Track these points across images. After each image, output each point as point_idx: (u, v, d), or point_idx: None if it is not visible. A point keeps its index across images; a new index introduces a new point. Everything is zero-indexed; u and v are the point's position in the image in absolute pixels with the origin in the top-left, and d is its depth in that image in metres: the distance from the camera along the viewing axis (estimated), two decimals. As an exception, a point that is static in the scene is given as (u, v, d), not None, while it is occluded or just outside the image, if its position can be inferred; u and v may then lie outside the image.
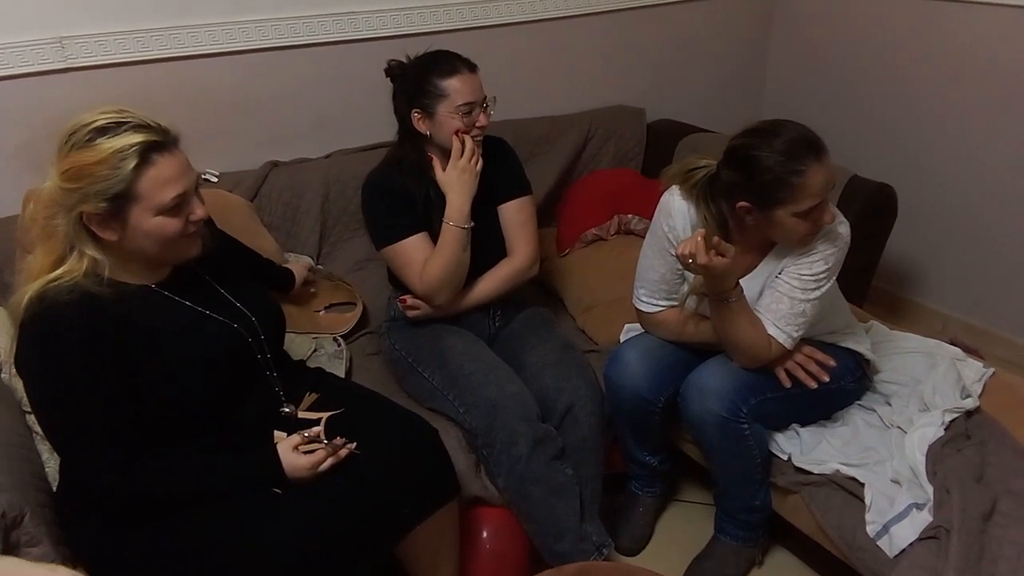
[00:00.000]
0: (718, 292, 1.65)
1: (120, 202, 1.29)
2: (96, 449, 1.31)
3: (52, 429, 1.35)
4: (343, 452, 1.44)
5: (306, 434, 1.43)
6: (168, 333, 1.39)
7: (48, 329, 1.29)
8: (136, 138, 1.28)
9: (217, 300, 1.49)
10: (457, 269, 1.87)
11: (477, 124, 1.86)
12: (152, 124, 1.31)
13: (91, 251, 1.33)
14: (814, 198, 1.56)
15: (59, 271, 1.32)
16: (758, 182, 1.57)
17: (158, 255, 1.38)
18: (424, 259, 1.88)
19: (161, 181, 1.30)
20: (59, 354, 1.29)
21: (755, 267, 1.74)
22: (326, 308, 2.17)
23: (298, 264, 2.13)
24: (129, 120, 1.30)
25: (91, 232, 1.32)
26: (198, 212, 1.37)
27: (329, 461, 1.42)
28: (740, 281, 1.68)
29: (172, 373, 1.36)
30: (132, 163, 1.27)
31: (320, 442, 1.43)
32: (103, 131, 1.28)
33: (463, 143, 1.84)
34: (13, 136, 1.99)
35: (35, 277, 1.32)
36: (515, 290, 2.04)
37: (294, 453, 1.40)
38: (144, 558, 1.37)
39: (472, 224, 1.86)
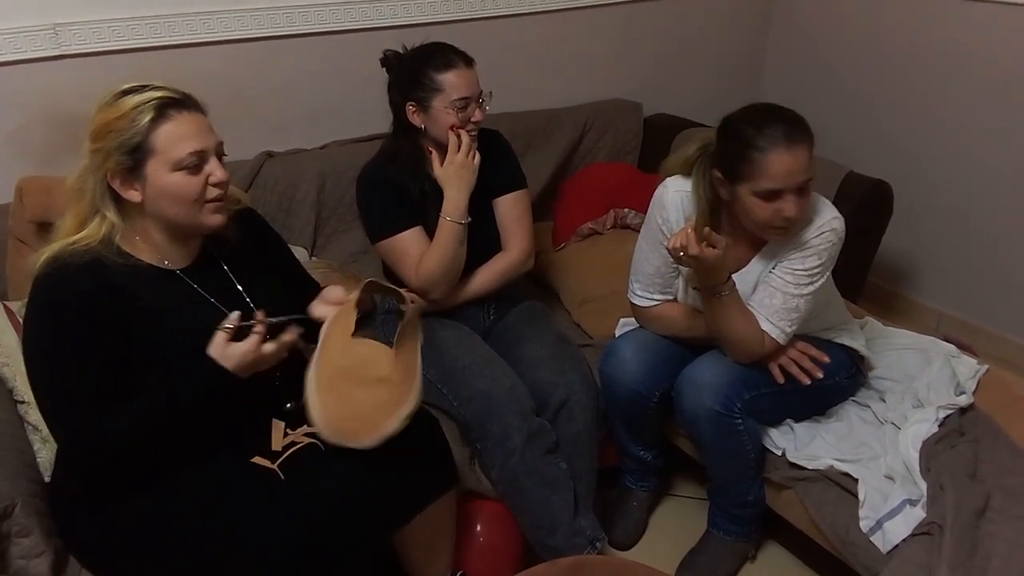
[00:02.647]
0: (710, 285, 1.64)
1: (138, 156, 1.33)
2: (73, 412, 1.31)
3: (37, 386, 1.36)
4: (287, 338, 1.38)
5: (228, 326, 1.35)
6: (173, 316, 1.39)
7: (53, 289, 1.34)
8: (155, 94, 1.34)
9: (230, 293, 1.48)
10: (453, 264, 1.86)
11: (472, 119, 1.84)
12: (174, 88, 1.38)
13: (111, 215, 1.37)
14: (773, 181, 1.53)
15: (79, 235, 1.37)
16: (727, 150, 1.58)
17: (179, 219, 1.40)
18: (419, 253, 1.87)
19: (177, 136, 1.34)
20: (57, 314, 1.33)
21: (748, 262, 1.74)
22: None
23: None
24: (152, 83, 1.37)
25: (116, 195, 1.37)
26: (218, 174, 1.38)
27: (270, 345, 1.35)
28: (733, 276, 1.67)
29: (170, 355, 1.37)
30: (148, 116, 1.32)
31: (249, 328, 1.36)
32: (126, 92, 1.35)
33: (459, 138, 1.83)
34: (5, 123, 1.97)
35: (61, 238, 1.38)
36: (510, 284, 2.03)
37: (226, 345, 1.34)
38: (138, 547, 1.37)
39: (469, 219, 1.85)
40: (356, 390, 1.37)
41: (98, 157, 1.34)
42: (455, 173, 1.83)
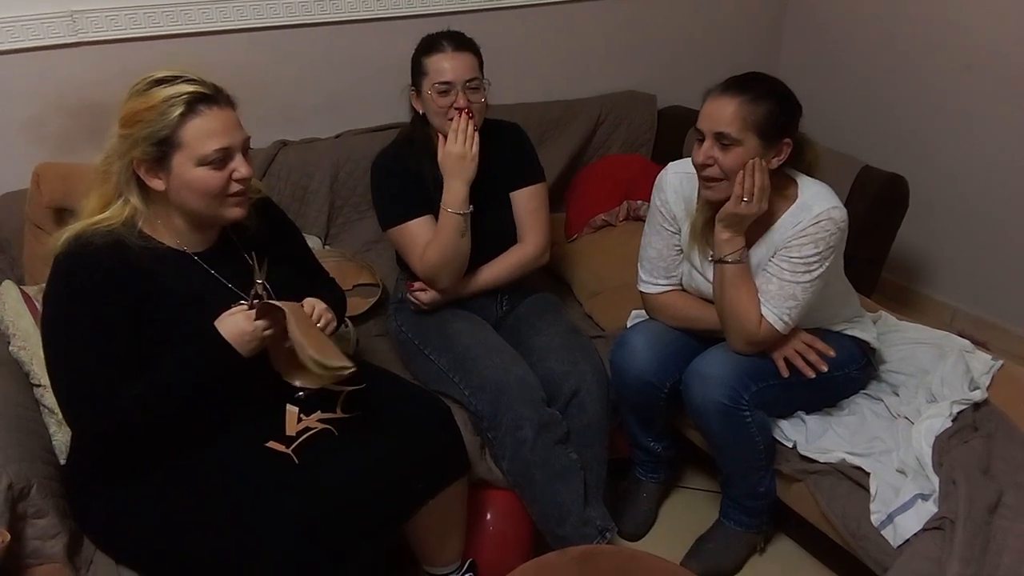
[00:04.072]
0: (726, 250, 1.65)
1: (165, 148, 1.35)
2: (85, 386, 1.33)
3: (51, 360, 1.38)
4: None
5: (242, 303, 1.38)
6: (190, 299, 1.41)
7: (74, 265, 1.36)
8: (186, 88, 1.35)
9: (248, 279, 1.49)
10: (455, 254, 1.85)
11: (455, 105, 1.80)
12: (207, 82, 1.38)
13: (135, 200, 1.39)
14: None
15: (102, 215, 1.39)
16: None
17: (200, 211, 1.41)
18: (426, 242, 1.87)
19: (204, 132, 1.35)
20: (77, 291, 1.35)
21: (749, 249, 1.72)
22: (353, 288, 2.17)
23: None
24: (185, 75, 1.37)
25: (140, 181, 1.38)
26: (242, 170, 1.40)
27: (263, 321, 1.36)
28: None
29: (185, 337, 1.38)
30: (178, 111, 1.33)
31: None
32: (160, 81, 1.36)
33: (458, 123, 1.79)
34: (23, 110, 1.99)
35: (85, 218, 1.40)
36: (524, 277, 2.03)
37: (229, 317, 1.37)
38: (152, 529, 1.39)
39: (471, 209, 1.83)
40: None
41: (125, 143, 1.35)
42: (453, 164, 1.81)
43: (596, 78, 2.76)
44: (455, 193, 1.82)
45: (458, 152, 1.80)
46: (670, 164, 1.82)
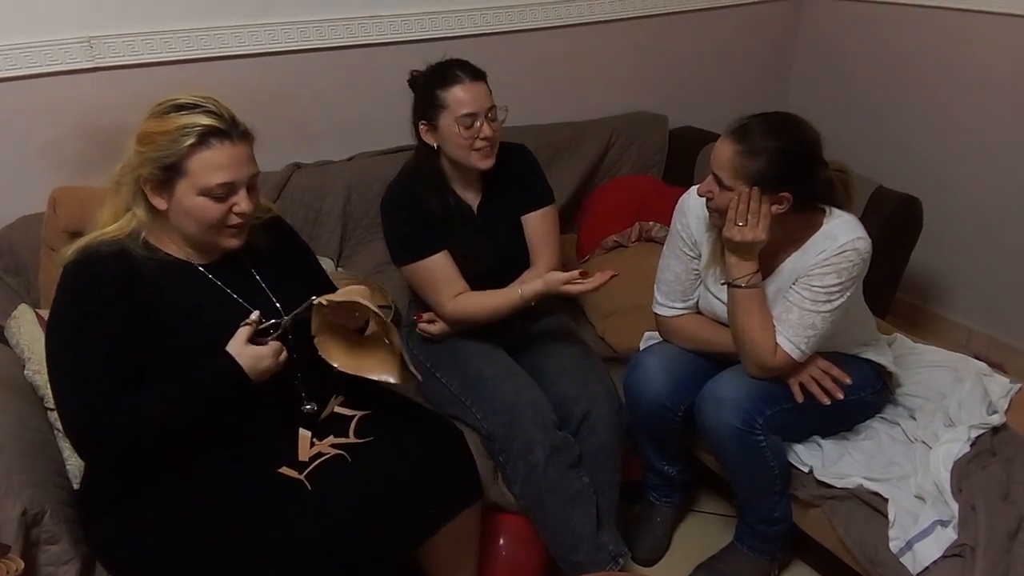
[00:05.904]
0: (737, 274, 1.64)
1: (171, 174, 1.38)
2: (85, 396, 1.33)
3: (53, 369, 1.39)
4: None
5: (253, 319, 1.40)
6: (197, 311, 1.43)
7: (81, 274, 1.38)
8: (202, 120, 1.37)
9: (255, 293, 1.51)
10: (492, 317, 1.87)
11: (481, 136, 1.82)
12: (225, 115, 1.40)
13: (141, 213, 1.42)
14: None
15: (111, 227, 1.42)
16: None
17: (196, 236, 1.44)
18: (446, 278, 1.86)
19: (211, 165, 1.37)
20: (83, 299, 1.37)
21: (768, 276, 1.72)
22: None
23: None
24: (206, 105, 1.39)
25: (146, 197, 1.41)
26: (242, 205, 1.41)
27: (285, 354, 1.40)
28: None
29: (190, 348, 1.39)
30: (189, 141, 1.36)
31: (269, 330, 1.41)
32: (180, 108, 1.39)
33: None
34: (41, 134, 2.01)
35: (98, 228, 1.43)
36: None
37: (244, 344, 1.38)
38: (165, 555, 1.38)
39: (532, 303, 1.85)
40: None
41: (137, 159, 1.39)
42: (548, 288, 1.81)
43: (606, 99, 2.77)
44: (534, 292, 1.82)
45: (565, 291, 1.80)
46: (693, 188, 1.80)
